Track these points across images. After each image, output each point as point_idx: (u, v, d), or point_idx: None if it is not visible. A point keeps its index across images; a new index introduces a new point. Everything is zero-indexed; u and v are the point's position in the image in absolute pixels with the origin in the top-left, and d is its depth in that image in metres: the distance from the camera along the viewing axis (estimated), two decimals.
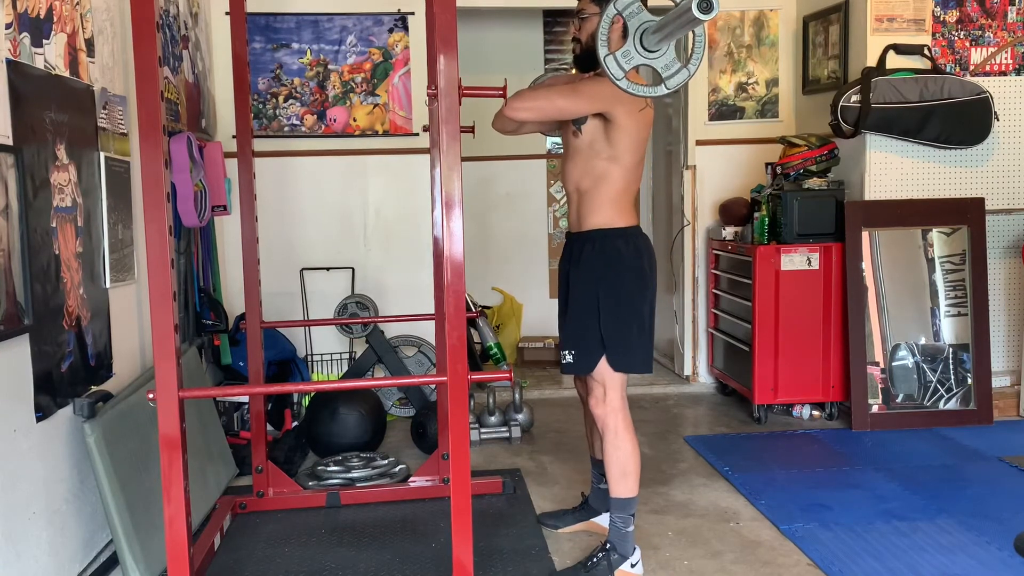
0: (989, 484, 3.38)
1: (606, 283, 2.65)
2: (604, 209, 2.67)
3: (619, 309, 2.65)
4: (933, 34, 4.22)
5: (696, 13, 1.65)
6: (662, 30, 1.90)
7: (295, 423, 4.18)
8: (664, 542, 2.93)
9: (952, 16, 4.22)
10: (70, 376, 2.51)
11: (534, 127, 2.89)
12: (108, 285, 2.81)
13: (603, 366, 2.65)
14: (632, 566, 2.66)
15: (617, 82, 1.99)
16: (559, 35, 6.11)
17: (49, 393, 2.38)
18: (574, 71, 2.90)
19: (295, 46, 4.56)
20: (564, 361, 2.74)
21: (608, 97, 2.52)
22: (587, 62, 2.72)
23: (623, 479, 2.65)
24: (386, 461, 3.64)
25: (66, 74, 2.57)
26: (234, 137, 3.29)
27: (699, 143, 4.93)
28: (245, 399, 3.92)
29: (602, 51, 2.01)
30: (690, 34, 1.99)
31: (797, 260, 4.20)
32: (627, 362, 2.66)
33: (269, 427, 4.00)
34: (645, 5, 1.99)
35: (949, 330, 4.15)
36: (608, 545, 2.67)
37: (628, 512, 2.67)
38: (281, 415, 4.17)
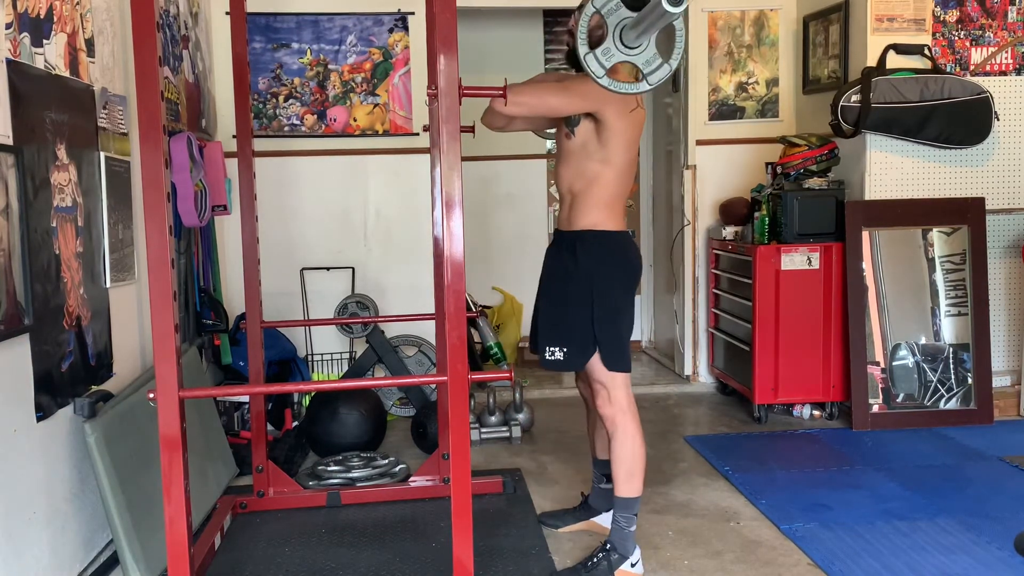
0: (989, 484, 3.38)
1: (600, 285, 2.64)
2: (596, 211, 2.67)
3: (614, 312, 2.65)
4: (933, 34, 4.22)
5: (666, 6, 1.65)
6: (639, 25, 1.88)
7: (295, 423, 4.18)
8: (664, 542, 2.93)
9: (952, 16, 4.22)
10: (70, 376, 2.51)
11: (524, 124, 2.87)
12: (108, 285, 2.82)
13: (599, 366, 2.64)
14: (632, 566, 2.66)
15: (598, 80, 1.96)
16: (559, 35, 6.11)
17: (49, 393, 2.38)
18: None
19: (295, 46, 4.56)
20: (551, 357, 2.67)
21: (598, 96, 2.50)
22: (578, 58, 2.72)
23: (629, 479, 2.65)
24: (386, 461, 3.65)
25: (66, 74, 2.57)
26: (234, 137, 3.29)
27: (699, 143, 4.93)
28: (245, 399, 3.92)
29: (582, 49, 1.97)
30: (673, 28, 1.96)
31: (797, 260, 4.20)
32: (621, 361, 2.66)
33: (269, 427, 4.01)
34: (625, 2, 1.96)
35: (949, 330, 4.15)
36: (608, 545, 2.67)
37: (632, 512, 2.67)
38: (281, 415, 4.17)
